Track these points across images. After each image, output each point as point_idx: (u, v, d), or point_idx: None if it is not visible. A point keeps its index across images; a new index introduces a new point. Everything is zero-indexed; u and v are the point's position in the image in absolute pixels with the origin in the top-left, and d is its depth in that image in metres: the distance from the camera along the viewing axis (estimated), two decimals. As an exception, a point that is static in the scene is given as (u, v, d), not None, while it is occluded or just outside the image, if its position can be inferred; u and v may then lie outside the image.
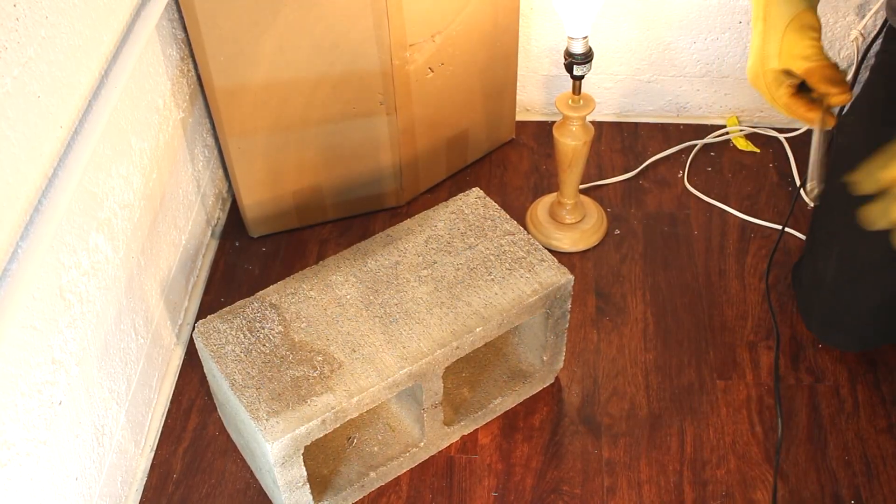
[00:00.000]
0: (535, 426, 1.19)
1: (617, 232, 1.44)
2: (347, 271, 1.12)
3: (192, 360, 1.29)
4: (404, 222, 1.18)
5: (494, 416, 1.20)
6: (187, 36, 1.28)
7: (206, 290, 1.39)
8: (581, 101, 1.29)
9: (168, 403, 1.24)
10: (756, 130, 1.60)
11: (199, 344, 1.06)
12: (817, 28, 0.92)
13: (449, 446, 1.18)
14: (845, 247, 1.15)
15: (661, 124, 1.63)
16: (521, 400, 1.22)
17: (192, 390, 1.25)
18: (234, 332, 1.06)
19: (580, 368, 1.25)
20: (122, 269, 1.11)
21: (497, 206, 1.20)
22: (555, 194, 1.44)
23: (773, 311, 1.29)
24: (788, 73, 0.93)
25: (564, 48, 1.30)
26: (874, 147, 1.16)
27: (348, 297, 1.09)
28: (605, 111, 1.63)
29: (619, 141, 1.59)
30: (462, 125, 1.49)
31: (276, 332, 1.05)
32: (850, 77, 1.53)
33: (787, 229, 1.36)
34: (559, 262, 1.12)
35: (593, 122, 1.35)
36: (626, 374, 1.25)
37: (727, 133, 1.60)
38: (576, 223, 1.42)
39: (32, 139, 0.87)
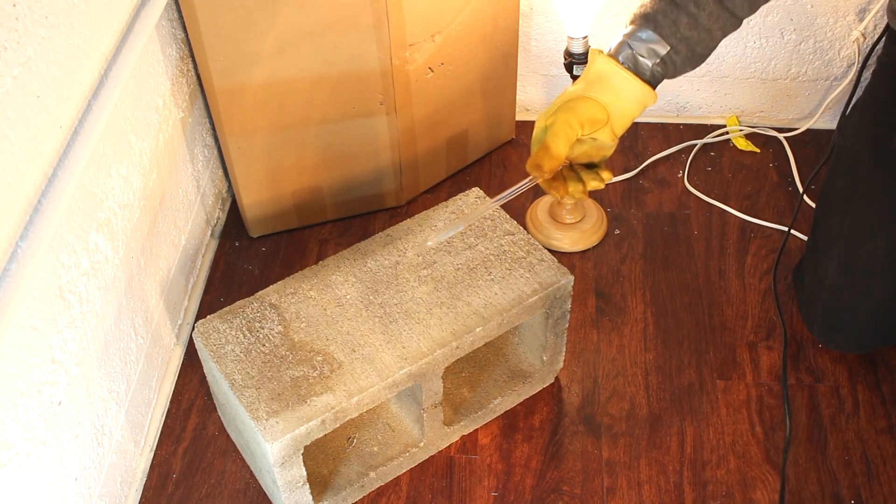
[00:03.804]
0: (535, 426, 1.19)
1: (617, 232, 1.44)
2: (347, 271, 1.12)
3: (191, 360, 1.28)
4: (404, 222, 1.18)
5: (494, 416, 1.20)
6: (187, 36, 1.27)
7: (206, 290, 1.39)
8: (581, 101, 1.29)
9: (168, 403, 1.24)
10: (756, 130, 1.60)
11: (198, 344, 1.06)
12: (590, 120, 0.95)
13: (449, 446, 1.18)
14: (846, 249, 1.16)
15: (661, 124, 1.63)
16: (521, 400, 1.22)
17: (192, 390, 1.25)
18: (233, 332, 1.06)
19: (580, 368, 1.25)
20: (122, 269, 1.11)
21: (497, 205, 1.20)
22: (555, 194, 1.43)
23: (781, 314, 1.29)
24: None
25: (564, 48, 1.30)
26: (874, 149, 1.17)
27: (348, 297, 1.09)
28: (605, 111, 1.63)
29: (619, 140, 1.59)
30: (462, 125, 1.49)
31: (276, 332, 1.05)
32: (851, 78, 1.53)
33: (788, 230, 1.36)
34: (559, 262, 1.12)
35: (593, 122, 1.35)
36: (626, 374, 1.25)
37: (727, 133, 1.60)
38: (576, 223, 1.42)
39: (32, 139, 0.86)
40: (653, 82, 0.96)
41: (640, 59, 0.95)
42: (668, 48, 0.94)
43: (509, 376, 1.20)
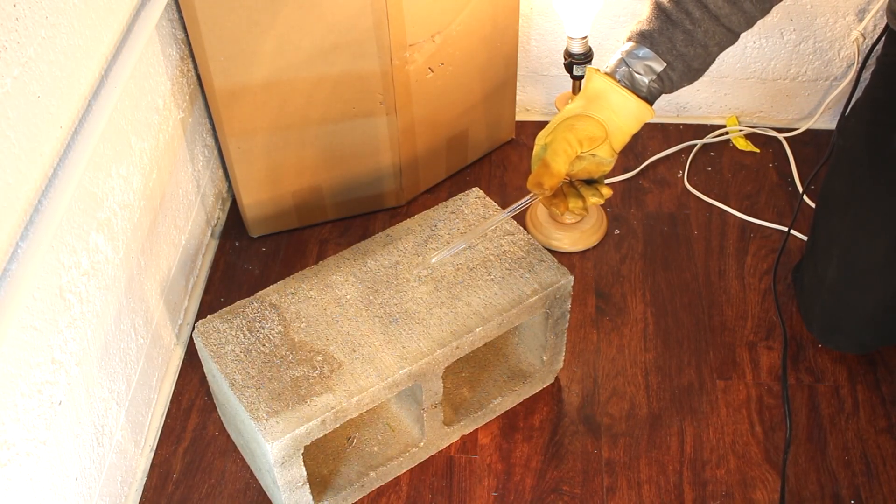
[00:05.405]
0: (534, 426, 1.19)
1: (617, 232, 1.44)
2: (347, 271, 1.12)
3: (192, 360, 1.29)
4: (404, 222, 1.18)
5: (494, 416, 1.20)
6: (187, 36, 1.28)
7: (206, 290, 1.39)
8: (581, 102, 1.29)
9: (168, 403, 1.24)
10: (756, 130, 1.60)
11: (198, 344, 1.06)
12: (589, 138, 0.96)
13: (449, 446, 1.18)
14: (845, 249, 1.16)
15: (661, 124, 1.63)
16: (521, 400, 1.22)
17: (192, 390, 1.25)
18: (233, 332, 1.06)
19: (580, 368, 1.25)
20: (122, 269, 1.11)
21: (497, 206, 1.20)
22: (555, 194, 1.43)
23: (780, 314, 1.29)
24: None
25: (564, 48, 1.30)
26: (874, 149, 1.17)
27: (348, 297, 1.09)
28: (605, 111, 1.63)
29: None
30: (462, 125, 1.49)
31: (276, 332, 1.05)
32: (850, 78, 1.53)
33: (787, 230, 1.37)
34: (559, 262, 1.13)
35: (593, 122, 1.35)
36: (625, 374, 1.25)
37: (727, 133, 1.60)
38: (576, 223, 1.42)
39: (32, 139, 0.87)
40: (650, 98, 0.97)
41: (637, 76, 0.96)
42: (665, 65, 0.95)
43: (509, 376, 1.20)
